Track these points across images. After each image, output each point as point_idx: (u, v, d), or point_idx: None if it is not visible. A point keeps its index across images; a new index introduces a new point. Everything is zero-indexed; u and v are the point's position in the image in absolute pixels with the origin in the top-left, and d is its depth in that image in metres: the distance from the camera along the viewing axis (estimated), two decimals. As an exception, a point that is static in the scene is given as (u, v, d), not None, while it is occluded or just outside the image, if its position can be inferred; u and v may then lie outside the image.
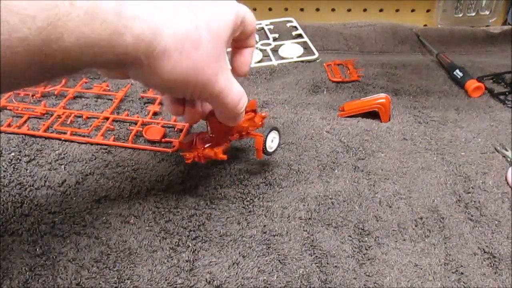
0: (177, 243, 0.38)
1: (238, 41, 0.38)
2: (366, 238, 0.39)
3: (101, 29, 0.25)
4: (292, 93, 0.59)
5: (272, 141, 0.44)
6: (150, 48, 0.27)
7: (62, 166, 0.45)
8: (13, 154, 0.46)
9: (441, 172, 0.46)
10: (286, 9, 0.83)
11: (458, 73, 0.62)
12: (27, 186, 0.42)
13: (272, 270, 0.36)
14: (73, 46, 0.24)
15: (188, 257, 0.37)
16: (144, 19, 0.26)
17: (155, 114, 0.55)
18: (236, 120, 0.37)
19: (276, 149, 0.45)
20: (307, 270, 0.36)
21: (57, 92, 0.58)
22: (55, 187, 0.42)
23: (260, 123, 0.43)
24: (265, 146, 0.42)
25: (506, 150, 0.49)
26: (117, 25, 0.25)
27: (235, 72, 0.39)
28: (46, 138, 0.49)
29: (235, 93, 0.34)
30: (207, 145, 0.41)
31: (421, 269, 0.36)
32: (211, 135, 0.42)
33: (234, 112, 0.35)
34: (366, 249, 0.38)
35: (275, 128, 0.44)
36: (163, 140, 0.49)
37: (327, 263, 0.36)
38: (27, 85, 0.29)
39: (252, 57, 0.40)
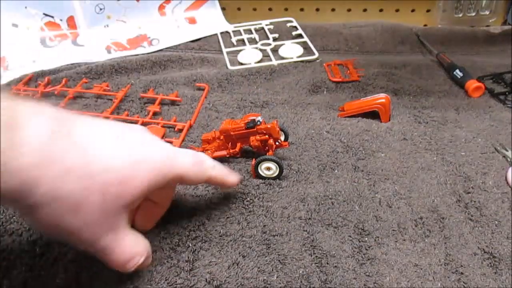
0: (177, 243, 0.38)
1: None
2: (366, 238, 0.39)
3: None
4: (292, 93, 0.59)
5: (269, 170, 0.44)
6: (24, 201, 0.26)
7: (62, 166, 0.45)
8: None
9: (441, 172, 0.46)
10: (286, 9, 0.83)
11: (458, 73, 0.62)
12: (27, 186, 0.42)
13: (272, 270, 0.36)
14: None
15: (188, 257, 0.36)
16: (20, 175, 0.25)
17: (155, 114, 0.55)
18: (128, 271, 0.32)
19: (275, 179, 0.44)
20: (307, 270, 0.36)
21: (57, 92, 0.58)
22: (55, 187, 0.42)
23: (270, 151, 0.44)
24: (256, 169, 0.44)
25: (506, 150, 0.49)
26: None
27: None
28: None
29: (122, 255, 0.31)
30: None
31: (421, 269, 0.36)
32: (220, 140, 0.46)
33: (119, 269, 0.32)
34: (366, 249, 0.38)
35: (274, 161, 0.43)
36: (163, 140, 0.49)
37: (327, 263, 0.36)
38: None
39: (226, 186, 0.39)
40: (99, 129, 0.30)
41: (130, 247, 0.31)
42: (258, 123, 0.44)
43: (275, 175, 0.44)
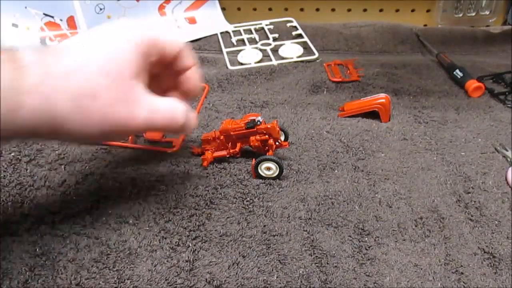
0: (177, 243, 0.38)
1: (170, 66, 0.37)
2: (366, 238, 0.39)
3: None
4: (292, 93, 0.59)
5: (269, 170, 0.44)
6: (49, 115, 0.28)
7: (62, 166, 0.45)
8: (13, 154, 0.46)
9: (441, 172, 0.46)
10: (286, 9, 0.83)
11: (458, 73, 0.62)
12: (27, 186, 0.42)
13: (272, 270, 0.36)
14: None
15: (188, 257, 0.36)
16: (36, 91, 0.28)
17: (155, 114, 0.55)
18: (185, 129, 0.36)
19: (276, 179, 0.44)
20: (307, 270, 0.36)
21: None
22: (55, 187, 0.42)
23: (270, 151, 0.44)
24: (256, 169, 0.44)
25: (506, 150, 0.49)
26: (12, 101, 0.27)
27: (187, 97, 0.39)
28: (46, 138, 0.49)
29: (163, 113, 0.34)
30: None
31: (421, 269, 0.36)
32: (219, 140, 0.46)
33: (174, 127, 0.35)
34: (366, 249, 0.38)
35: (274, 161, 0.43)
36: (163, 140, 0.49)
37: (327, 263, 0.36)
38: None
39: (197, 76, 0.39)
40: (74, 37, 0.33)
41: (165, 105, 0.34)
42: (258, 123, 0.44)
43: (275, 175, 0.44)
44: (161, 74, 0.37)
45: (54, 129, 0.29)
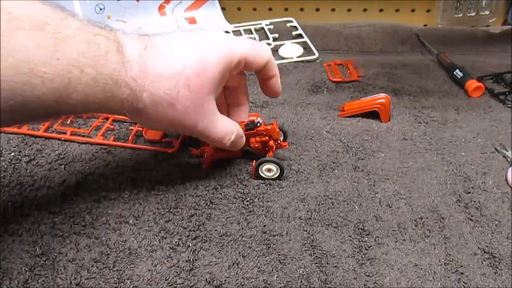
0: (177, 243, 0.38)
1: (257, 74, 0.42)
2: (366, 238, 0.39)
3: (100, 93, 0.31)
4: (292, 93, 0.59)
5: (269, 172, 0.44)
6: (132, 107, 0.34)
7: (62, 166, 0.45)
8: (13, 154, 0.46)
9: (441, 172, 0.46)
10: (286, 9, 0.83)
11: (458, 73, 0.62)
12: (27, 186, 0.42)
13: (272, 270, 0.36)
14: (77, 103, 0.30)
15: (188, 257, 0.36)
16: (129, 86, 0.32)
17: (155, 114, 0.55)
18: (230, 148, 0.41)
19: (277, 179, 0.44)
20: (307, 270, 0.36)
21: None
22: (55, 187, 0.42)
23: (271, 152, 0.44)
24: (257, 171, 0.44)
25: (506, 150, 0.49)
26: (113, 90, 0.32)
27: (269, 96, 0.45)
28: (46, 138, 0.49)
29: (218, 133, 0.39)
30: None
31: (421, 269, 0.36)
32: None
33: (219, 145, 0.40)
34: (366, 249, 0.38)
35: (275, 162, 0.43)
36: (163, 140, 0.49)
37: (327, 263, 0.36)
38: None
39: (279, 84, 0.44)
40: (169, 38, 0.36)
41: (222, 126, 0.39)
42: (258, 124, 0.44)
43: (275, 176, 0.44)
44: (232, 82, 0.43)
45: (132, 115, 0.35)
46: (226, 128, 0.39)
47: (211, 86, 0.36)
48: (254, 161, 0.43)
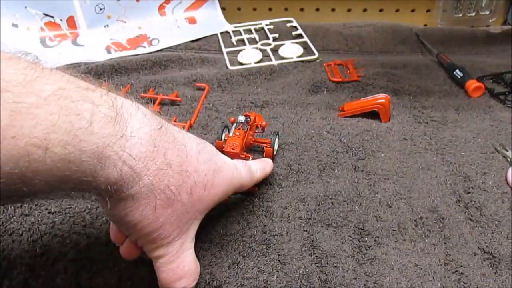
0: (177, 243, 0.38)
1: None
2: (366, 238, 0.39)
3: (72, 171, 0.24)
4: (292, 93, 0.59)
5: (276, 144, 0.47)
6: (118, 191, 0.26)
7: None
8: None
9: (441, 172, 0.46)
10: (286, 9, 0.83)
11: (458, 73, 0.62)
12: (27, 186, 0.42)
13: (272, 270, 0.36)
14: (44, 185, 0.24)
15: (188, 257, 0.36)
16: (126, 164, 0.26)
17: (155, 114, 0.55)
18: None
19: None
20: (307, 270, 0.36)
21: (57, 92, 0.58)
22: (55, 187, 0.42)
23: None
24: (273, 152, 0.46)
25: (506, 150, 0.49)
26: (95, 170, 0.25)
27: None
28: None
29: (173, 272, 0.31)
30: None
31: (421, 269, 0.36)
32: None
33: (166, 285, 0.31)
34: (366, 249, 0.38)
35: (277, 133, 0.47)
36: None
37: (327, 263, 0.36)
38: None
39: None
40: (186, 133, 0.32)
41: (186, 263, 0.31)
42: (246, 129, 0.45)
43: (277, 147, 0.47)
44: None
45: (111, 198, 0.27)
46: (187, 268, 0.31)
47: (208, 205, 0.32)
48: (268, 148, 0.46)
